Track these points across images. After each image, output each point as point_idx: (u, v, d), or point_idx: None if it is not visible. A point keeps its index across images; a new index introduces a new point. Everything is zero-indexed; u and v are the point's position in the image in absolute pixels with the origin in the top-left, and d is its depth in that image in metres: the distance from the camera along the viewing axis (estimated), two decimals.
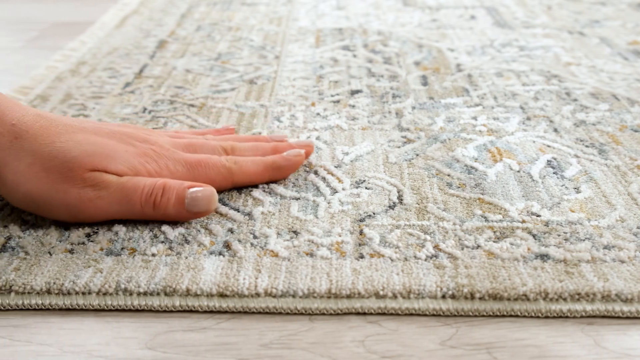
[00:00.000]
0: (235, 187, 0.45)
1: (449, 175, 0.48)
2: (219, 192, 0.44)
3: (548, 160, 0.49)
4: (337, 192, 0.45)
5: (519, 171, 0.48)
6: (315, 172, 0.48)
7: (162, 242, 0.40)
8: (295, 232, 0.41)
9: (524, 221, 0.42)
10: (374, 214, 0.43)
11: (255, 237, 0.40)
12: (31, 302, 0.35)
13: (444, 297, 0.35)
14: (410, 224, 0.42)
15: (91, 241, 0.40)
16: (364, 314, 0.35)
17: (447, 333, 0.34)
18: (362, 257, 0.38)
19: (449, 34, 0.82)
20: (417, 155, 0.51)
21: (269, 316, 0.35)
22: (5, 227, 0.41)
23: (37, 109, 0.42)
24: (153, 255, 0.38)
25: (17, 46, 0.84)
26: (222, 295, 0.35)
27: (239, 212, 0.43)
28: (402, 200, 0.44)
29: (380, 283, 0.36)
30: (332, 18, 0.90)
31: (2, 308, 0.35)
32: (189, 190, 0.40)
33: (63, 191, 0.39)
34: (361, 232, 0.41)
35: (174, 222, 0.42)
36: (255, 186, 0.46)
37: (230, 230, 0.41)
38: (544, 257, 0.38)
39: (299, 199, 0.44)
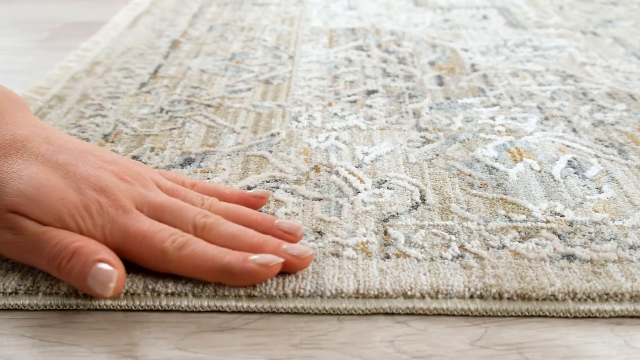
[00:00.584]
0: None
1: (470, 175, 0.47)
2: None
3: (568, 160, 0.49)
4: (359, 192, 0.45)
5: (540, 171, 0.48)
6: (337, 173, 0.48)
7: None
8: (319, 232, 0.41)
9: (548, 221, 0.42)
10: (397, 214, 0.43)
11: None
12: (59, 302, 0.35)
13: (472, 297, 0.35)
14: (434, 224, 0.42)
15: None
16: (392, 314, 0.35)
17: (477, 333, 0.34)
18: (388, 257, 0.38)
19: (462, 34, 0.82)
20: (437, 155, 0.51)
21: (297, 316, 0.35)
22: None
23: (37, 124, 0.40)
24: None
25: (29, 46, 0.84)
26: (250, 296, 0.35)
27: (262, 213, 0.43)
28: (424, 200, 0.44)
29: (407, 283, 0.36)
30: (345, 18, 0.90)
31: (29, 308, 0.35)
32: (97, 265, 0.34)
33: None
34: (385, 233, 0.41)
35: None
36: (277, 187, 0.46)
37: None
38: (570, 257, 0.38)
39: (321, 199, 0.44)
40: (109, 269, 0.34)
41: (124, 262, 0.36)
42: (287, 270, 0.37)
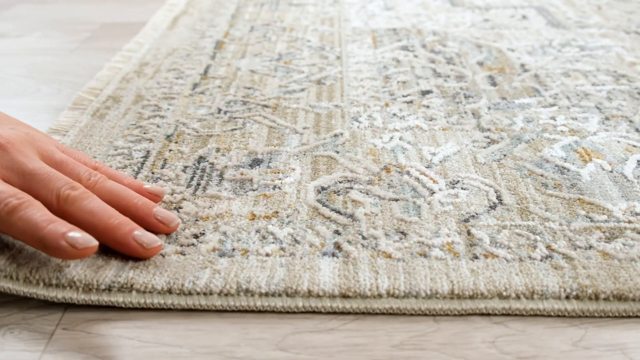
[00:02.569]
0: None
1: (542, 175, 0.47)
2: None
3: (638, 160, 0.49)
4: (434, 192, 0.45)
5: (611, 171, 0.48)
6: (408, 173, 0.48)
7: (273, 242, 0.40)
8: (403, 232, 0.41)
9: (630, 221, 0.42)
10: (476, 214, 0.43)
11: (364, 237, 0.40)
12: (153, 301, 0.35)
13: (567, 297, 0.35)
14: (515, 224, 0.42)
15: (200, 242, 0.40)
16: (488, 314, 0.35)
17: (577, 334, 0.34)
18: (476, 257, 0.38)
19: (505, 34, 0.82)
20: (505, 155, 0.50)
21: (392, 317, 0.35)
22: None
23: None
24: (267, 255, 0.38)
25: (71, 47, 0.84)
26: (344, 296, 0.35)
27: (341, 214, 0.43)
28: (501, 200, 0.44)
29: (501, 284, 0.36)
30: (384, 18, 0.90)
31: (123, 306, 0.35)
32: None
33: None
34: (469, 233, 0.41)
35: (279, 223, 0.42)
36: (351, 187, 0.46)
37: (337, 232, 0.41)
38: None
39: (398, 200, 0.44)
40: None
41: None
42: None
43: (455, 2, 0.99)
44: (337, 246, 0.39)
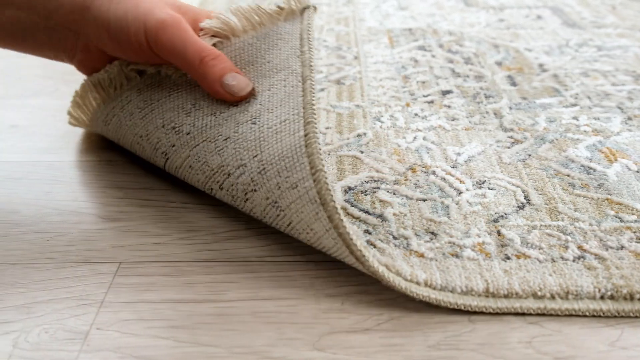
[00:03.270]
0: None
1: (568, 175, 0.47)
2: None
3: None
4: (461, 192, 0.45)
5: (637, 171, 0.48)
6: (434, 173, 0.48)
7: None
8: (433, 233, 0.41)
9: None
10: (505, 214, 0.43)
11: (395, 237, 0.40)
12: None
13: (602, 298, 0.35)
14: (545, 224, 0.41)
15: None
16: (523, 314, 0.35)
17: (613, 334, 0.34)
18: (508, 258, 0.38)
19: (521, 34, 0.82)
20: (530, 155, 0.50)
21: (427, 317, 0.35)
22: None
23: None
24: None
25: None
26: (387, 268, 0.35)
27: (370, 214, 0.43)
28: (529, 200, 0.44)
29: (536, 284, 0.36)
30: (399, 18, 0.90)
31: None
32: (234, 73, 0.44)
33: None
34: (499, 233, 0.40)
35: None
36: (378, 187, 0.46)
37: (367, 232, 0.41)
38: None
39: (426, 200, 0.44)
40: (246, 79, 0.44)
41: None
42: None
43: (469, 2, 0.99)
44: (371, 244, 0.39)
